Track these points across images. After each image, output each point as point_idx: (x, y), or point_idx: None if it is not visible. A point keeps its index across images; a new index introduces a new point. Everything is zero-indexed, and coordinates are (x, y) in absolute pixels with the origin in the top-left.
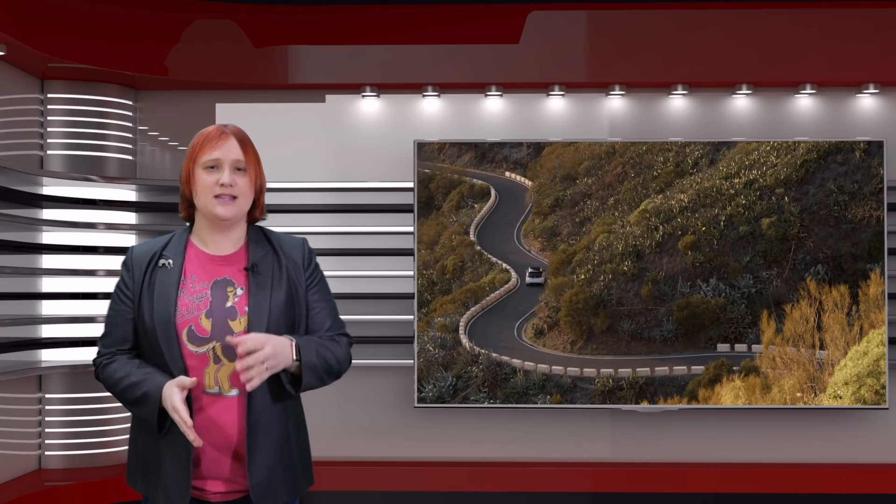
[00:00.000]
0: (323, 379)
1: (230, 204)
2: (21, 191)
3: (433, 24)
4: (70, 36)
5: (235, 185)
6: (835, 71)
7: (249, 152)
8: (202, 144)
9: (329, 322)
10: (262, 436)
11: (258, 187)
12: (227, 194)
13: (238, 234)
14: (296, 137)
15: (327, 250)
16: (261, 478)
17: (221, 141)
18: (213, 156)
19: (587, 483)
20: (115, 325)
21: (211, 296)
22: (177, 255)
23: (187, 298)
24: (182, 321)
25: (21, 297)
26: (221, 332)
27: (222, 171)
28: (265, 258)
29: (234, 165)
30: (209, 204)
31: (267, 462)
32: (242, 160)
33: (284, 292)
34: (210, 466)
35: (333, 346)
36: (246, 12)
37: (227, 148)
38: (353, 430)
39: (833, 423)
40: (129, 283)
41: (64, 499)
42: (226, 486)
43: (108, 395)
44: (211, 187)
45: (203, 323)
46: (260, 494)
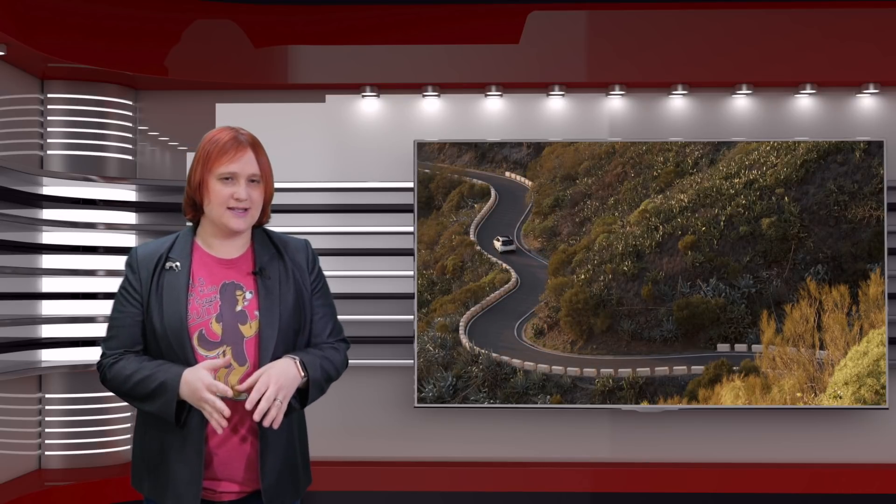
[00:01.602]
0: (324, 390)
1: (244, 216)
2: (21, 191)
3: (433, 24)
4: (70, 36)
5: (250, 198)
6: (835, 71)
7: (264, 162)
8: (218, 155)
9: (330, 328)
10: (273, 438)
11: (268, 196)
12: (242, 207)
13: (244, 237)
14: (296, 137)
15: (327, 250)
16: (272, 480)
17: (239, 154)
18: (229, 169)
19: (587, 483)
20: (123, 327)
21: (220, 300)
22: (184, 258)
23: (197, 302)
24: (193, 325)
25: (21, 297)
26: (232, 336)
27: (238, 186)
28: (272, 261)
29: (250, 178)
30: (223, 216)
31: (276, 464)
32: (258, 173)
33: (293, 296)
34: (223, 468)
35: (333, 356)
36: (246, 12)
37: (244, 161)
38: (353, 430)
39: (833, 423)
40: (135, 285)
41: (64, 499)
42: (239, 487)
43: (108, 394)
44: (226, 199)
45: (213, 327)
46: (271, 496)
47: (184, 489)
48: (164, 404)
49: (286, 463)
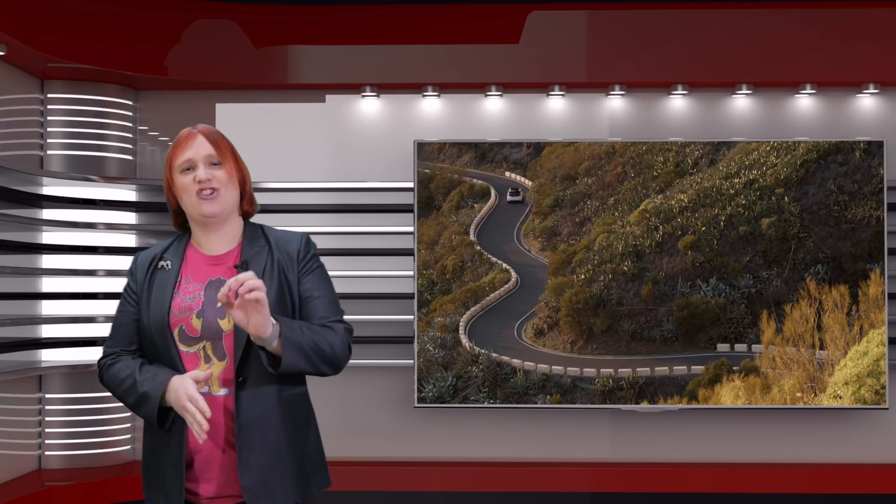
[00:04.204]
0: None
1: (214, 199)
2: (21, 191)
3: (433, 24)
4: (70, 36)
5: (213, 178)
6: (835, 71)
7: (221, 146)
8: (174, 150)
9: (323, 311)
10: (256, 435)
11: (240, 178)
12: (207, 188)
13: (233, 232)
14: (296, 137)
15: (327, 250)
16: (254, 479)
17: (190, 141)
18: (185, 157)
19: (587, 483)
20: (120, 326)
21: (203, 296)
22: (175, 258)
23: (180, 299)
24: (174, 321)
25: (21, 297)
26: (211, 331)
27: (197, 169)
28: (258, 255)
29: (208, 161)
30: (195, 204)
31: (261, 462)
32: (214, 154)
33: (275, 288)
34: (202, 467)
35: (325, 332)
36: (246, 12)
37: (196, 146)
38: (353, 430)
39: (833, 423)
40: (133, 286)
41: (64, 499)
42: (216, 489)
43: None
44: (190, 187)
45: (194, 323)
46: (254, 495)
47: (170, 486)
48: (148, 412)
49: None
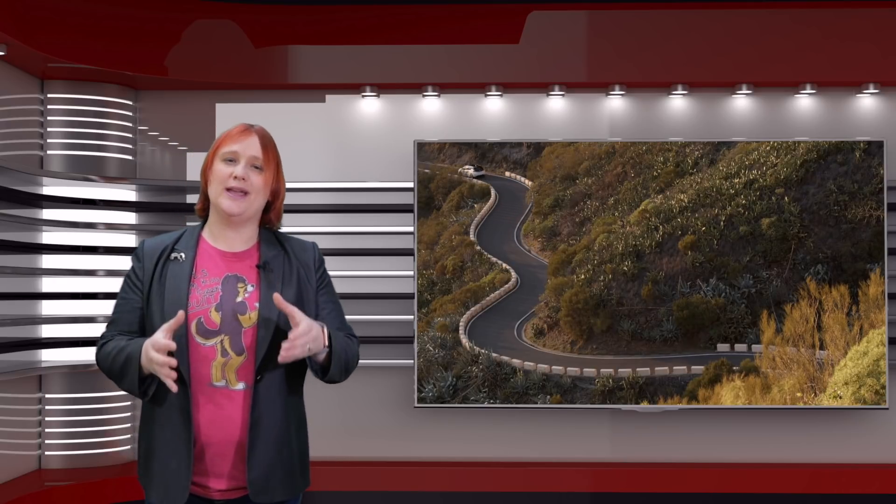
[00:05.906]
0: (341, 372)
1: (240, 199)
2: (21, 191)
3: (433, 24)
4: (70, 36)
5: (248, 180)
6: (835, 71)
7: (270, 153)
8: (224, 137)
9: (337, 324)
10: (264, 431)
11: (274, 190)
12: (238, 188)
13: (249, 233)
14: (296, 137)
15: (328, 250)
16: (259, 473)
17: (243, 136)
18: (231, 148)
19: (587, 483)
20: (122, 313)
21: (222, 290)
22: (189, 249)
23: (198, 292)
24: (192, 313)
25: (21, 297)
26: (230, 325)
27: (238, 165)
28: (276, 258)
29: (251, 162)
30: (219, 195)
31: (266, 458)
32: (260, 158)
33: (294, 291)
34: (214, 461)
35: (351, 344)
36: (246, 12)
37: (247, 143)
38: (353, 430)
39: (833, 423)
40: (139, 274)
41: (64, 499)
42: (227, 482)
43: (108, 394)
44: (224, 178)
45: (213, 316)
46: (258, 490)
47: (171, 480)
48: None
49: (279, 459)
